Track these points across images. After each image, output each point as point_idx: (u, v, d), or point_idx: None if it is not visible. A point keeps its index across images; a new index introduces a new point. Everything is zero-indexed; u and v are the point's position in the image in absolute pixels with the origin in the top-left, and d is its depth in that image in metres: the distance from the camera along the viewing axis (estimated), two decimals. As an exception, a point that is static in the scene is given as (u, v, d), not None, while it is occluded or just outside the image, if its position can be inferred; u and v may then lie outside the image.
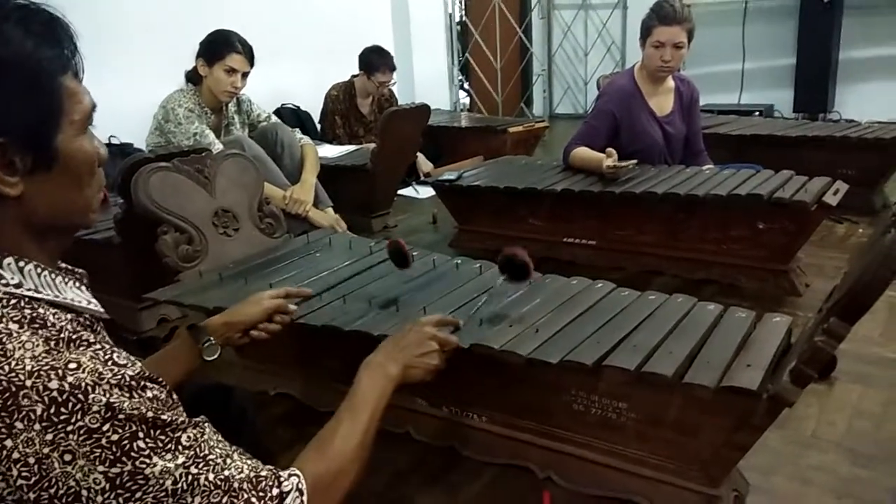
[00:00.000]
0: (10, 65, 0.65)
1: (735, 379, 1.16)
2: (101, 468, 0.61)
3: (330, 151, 3.60)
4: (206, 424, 0.73)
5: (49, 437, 0.60)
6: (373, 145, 3.37)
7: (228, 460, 0.72)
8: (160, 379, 0.69)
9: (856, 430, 1.58)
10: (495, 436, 1.51)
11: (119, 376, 0.64)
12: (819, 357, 1.05)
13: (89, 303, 0.75)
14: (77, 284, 0.76)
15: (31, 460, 0.59)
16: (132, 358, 0.69)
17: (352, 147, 3.74)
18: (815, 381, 1.74)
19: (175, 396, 0.71)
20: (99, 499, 0.62)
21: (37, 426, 0.60)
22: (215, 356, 1.17)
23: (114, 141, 3.54)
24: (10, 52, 0.65)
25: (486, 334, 1.36)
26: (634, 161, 2.52)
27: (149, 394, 0.66)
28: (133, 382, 0.65)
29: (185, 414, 0.71)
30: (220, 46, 2.71)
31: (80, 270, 0.80)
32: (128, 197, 1.80)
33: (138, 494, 0.63)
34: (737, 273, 2.39)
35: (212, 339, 1.17)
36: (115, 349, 0.68)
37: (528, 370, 1.31)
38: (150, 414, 0.65)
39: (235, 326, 1.24)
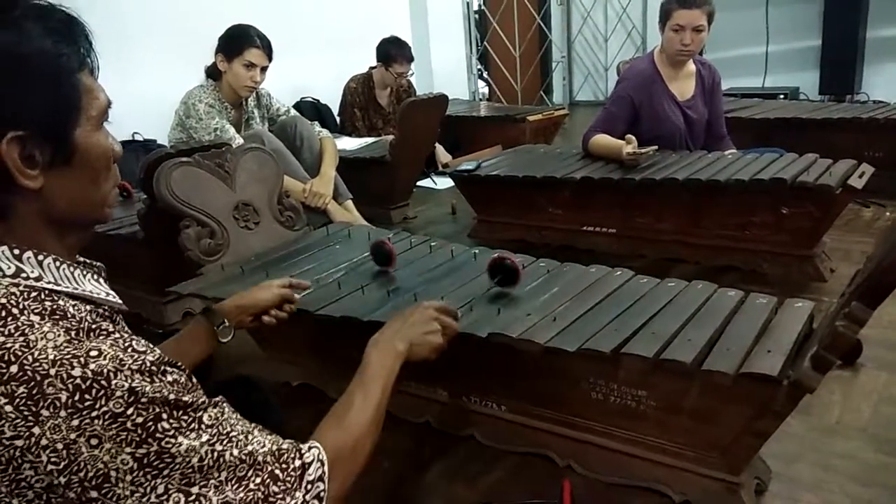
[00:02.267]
0: (30, 60, 0.67)
1: (755, 365, 1.15)
2: (127, 449, 0.64)
3: (349, 144, 3.62)
4: (225, 404, 0.75)
5: (75, 422, 0.62)
6: (391, 137, 3.38)
7: (250, 436, 0.74)
8: (179, 363, 0.72)
9: (881, 417, 1.56)
10: (515, 425, 1.51)
11: (140, 362, 0.66)
12: (840, 342, 1.03)
13: (108, 294, 0.77)
14: (95, 277, 0.78)
15: (60, 446, 0.61)
16: (150, 345, 0.71)
17: (370, 139, 3.75)
18: (840, 368, 1.74)
19: (194, 379, 0.73)
20: (128, 478, 0.64)
21: (62, 413, 0.62)
22: (230, 338, 1.23)
23: (137, 138, 3.60)
24: (30, 47, 0.67)
25: (504, 323, 1.36)
26: (655, 147, 2.50)
27: (169, 378, 0.68)
28: (153, 367, 0.67)
29: (204, 395, 0.73)
30: (239, 41, 2.73)
31: (99, 264, 0.82)
32: (150, 192, 1.83)
33: (166, 472, 0.66)
34: (760, 259, 2.36)
35: (226, 321, 1.22)
36: (134, 337, 0.70)
37: (547, 358, 1.31)
38: (171, 396, 0.67)
39: (247, 310, 1.28)
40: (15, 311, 0.65)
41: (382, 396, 0.96)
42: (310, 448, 0.81)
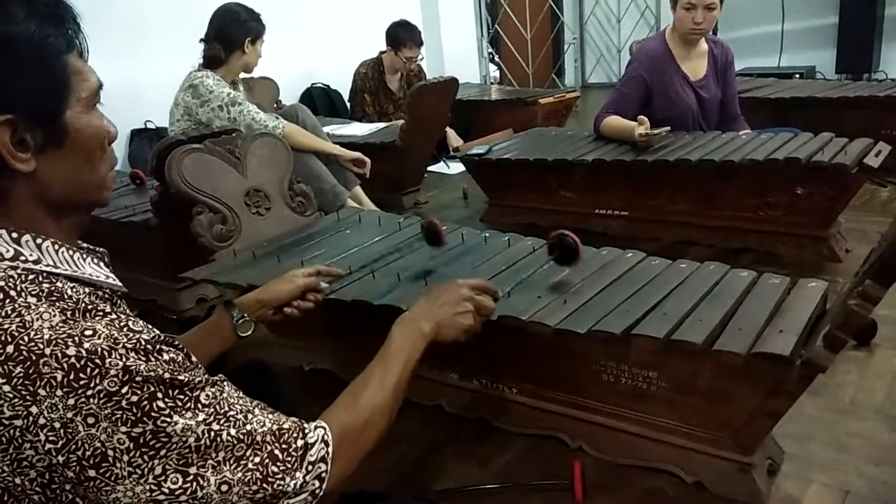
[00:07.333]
0: (16, 43, 0.67)
1: (767, 345, 1.14)
2: (123, 429, 0.64)
3: (359, 129, 3.61)
4: (226, 383, 0.75)
5: (71, 401, 0.62)
6: (402, 122, 3.37)
7: (250, 415, 0.74)
8: (177, 342, 0.71)
9: (896, 397, 1.55)
10: (526, 407, 1.52)
11: (134, 340, 0.67)
12: (853, 321, 1.02)
13: (107, 277, 0.77)
14: (96, 261, 0.78)
15: (57, 425, 0.62)
16: (148, 325, 0.71)
17: (381, 124, 3.74)
18: (855, 348, 1.72)
19: (194, 358, 0.73)
20: (125, 458, 0.64)
21: (59, 392, 0.62)
22: (249, 332, 1.21)
23: (149, 125, 3.62)
24: (15, 29, 0.67)
25: (514, 305, 1.36)
26: (667, 128, 2.47)
27: (165, 356, 0.68)
28: (149, 346, 0.67)
29: (204, 374, 0.73)
30: (258, 24, 2.76)
31: (101, 249, 0.82)
32: (162, 179, 1.84)
33: (163, 452, 0.66)
34: (774, 240, 2.34)
35: (245, 315, 1.20)
36: (132, 318, 0.70)
37: (557, 341, 1.31)
38: (167, 375, 0.67)
39: (269, 303, 1.26)
40: (13, 293, 0.65)
41: (402, 377, 0.93)
42: (315, 428, 0.80)
